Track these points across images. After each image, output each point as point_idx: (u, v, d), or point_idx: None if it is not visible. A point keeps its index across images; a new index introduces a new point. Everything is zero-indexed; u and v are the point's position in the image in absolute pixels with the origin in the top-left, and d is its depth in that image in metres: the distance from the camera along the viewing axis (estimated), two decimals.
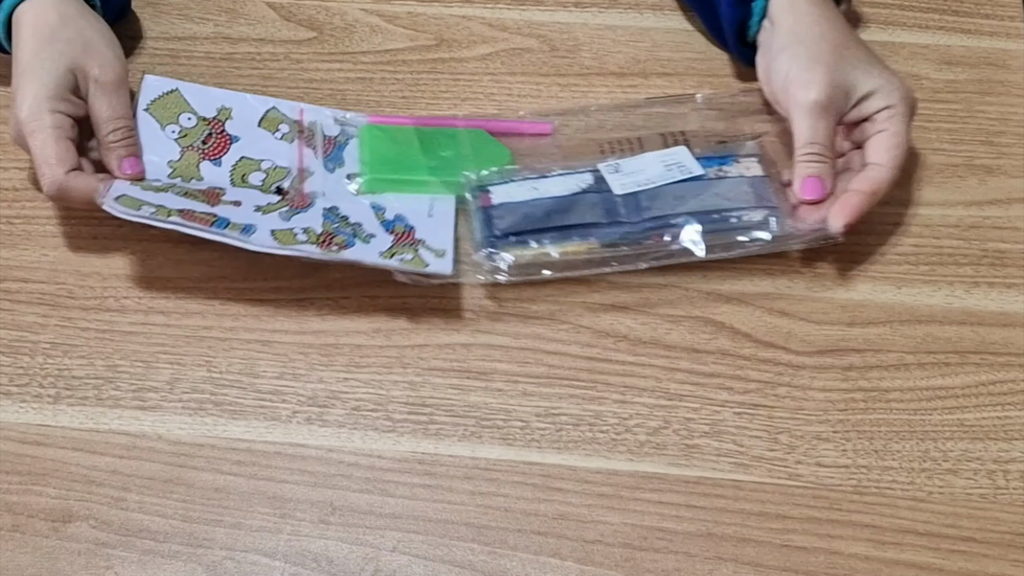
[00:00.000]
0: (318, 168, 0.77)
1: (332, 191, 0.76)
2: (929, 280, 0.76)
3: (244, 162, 0.77)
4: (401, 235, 0.72)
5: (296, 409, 0.71)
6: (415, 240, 0.72)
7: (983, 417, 0.71)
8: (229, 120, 0.79)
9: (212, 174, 0.77)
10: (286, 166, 0.77)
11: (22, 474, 0.69)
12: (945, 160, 0.81)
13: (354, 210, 0.75)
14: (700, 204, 0.75)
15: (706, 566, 0.66)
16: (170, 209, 0.72)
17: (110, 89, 0.75)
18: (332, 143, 0.77)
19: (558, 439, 0.70)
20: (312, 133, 0.79)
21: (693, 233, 0.74)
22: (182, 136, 0.78)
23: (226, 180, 0.77)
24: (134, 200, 0.72)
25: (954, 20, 0.88)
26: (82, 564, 0.66)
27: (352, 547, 0.66)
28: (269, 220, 0.74)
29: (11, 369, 0.72)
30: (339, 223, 0.73)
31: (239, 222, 0.73)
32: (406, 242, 0.71)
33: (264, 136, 0.78)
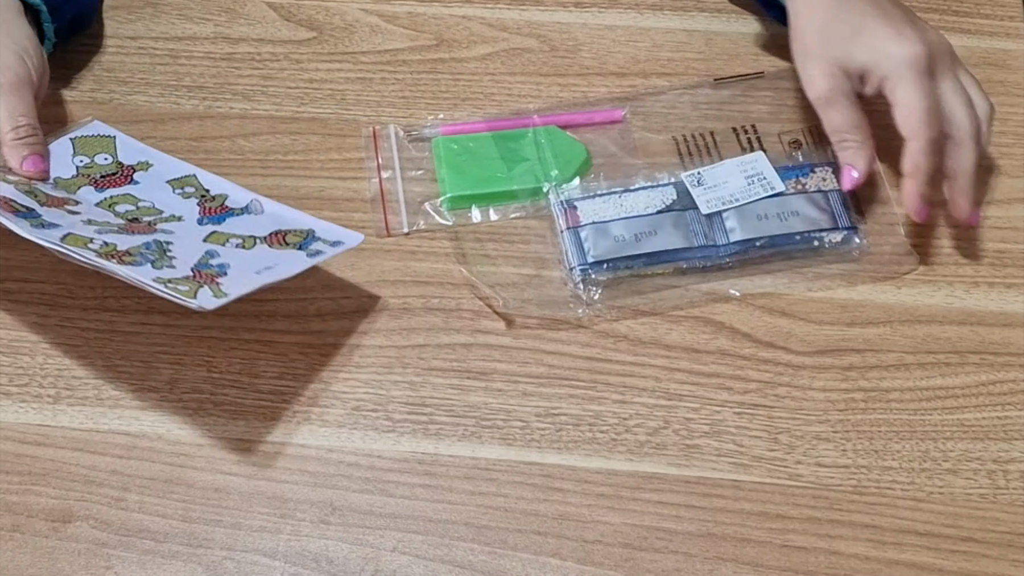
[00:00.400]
0: (191, 218, 0.74)
1: (185, 235, 0.73)
2: (929, 280, 0.76)
3: (125, 196, 0.75)
4: (202, 275, 0.69)
5: (296, 409, 0.71)
6: (211, 281, 0.68)
7: (983, 417, 0.71)
8: (142, 171, 0.77)
9: (86, 196, 0.75)
10: (161, 209, 0.75)
11: (22, 474, 0.69)
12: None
13: (184, 249, 0.71)
14: (783, 227, 0.76)
15: (706, 566, 0.66)
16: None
17: (7, 91, 0.73)
18: (225, 209, 0.75)
19: (558, 439, 0.70)
20: (216, 202, 0.76)
21: (775, 263, 0.76)
22: (87, 167, 0.77)
23: (92, 202, 0.74)
24: None
25: (954, 20, 0.88)
26: (82, 564, 0.66)
27: (352, 547, 0.66)
28: (80, 227, 0.71)
29: (11, 369, 0.72)
30: (152, 251, 0.70)
31: (48, 219, 0.70)
32: (198, 280, 0.68)
33: (165, 189, 0.76)
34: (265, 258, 0.71)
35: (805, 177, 0.77)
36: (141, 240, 0.70)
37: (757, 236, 0.75)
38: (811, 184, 0.77)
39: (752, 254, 0.76)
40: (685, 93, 0.83)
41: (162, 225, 0.73)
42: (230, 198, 0.75)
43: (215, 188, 0.76)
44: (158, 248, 0.70)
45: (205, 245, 0.71)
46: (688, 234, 0.76)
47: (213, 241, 0.72)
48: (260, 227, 0.73)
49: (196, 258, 0.70)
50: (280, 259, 0.71)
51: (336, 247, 0.72)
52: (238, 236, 0.72)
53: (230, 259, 0.70)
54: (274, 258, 0.71)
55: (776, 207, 0.76)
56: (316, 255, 0.71)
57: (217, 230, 0.73)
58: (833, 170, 0.77)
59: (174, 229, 0.73)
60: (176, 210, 0.75)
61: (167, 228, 0.73)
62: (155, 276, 0.67)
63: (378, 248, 0.77)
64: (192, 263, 0.69)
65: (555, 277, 0.76)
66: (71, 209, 0.73)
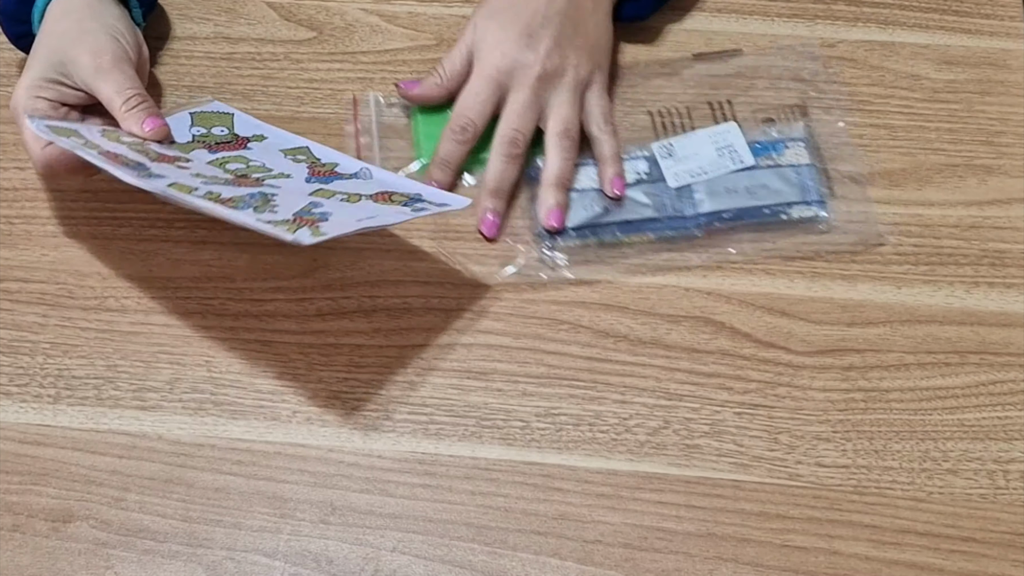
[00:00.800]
0: (299, 177, 0.76)
1: (291, 190, 0.73)
2: (929, 280, 0.76)
3: (237, 157, 0.76)
4: (303, 220, 0.69)
5: (296, 409, 0.71)
6: (311, 224, 0.69)
7: (983, 417, 0.71)
8: (256, 142, 0.78)
9: (198, 156, 0.76)
10: (271, 168, 0.76)
11: (22, 474, 0.69)
12: (945, 160, 0.81)
13: (288, 200, 0.72)
14: (752, 199, 0.77)
15: (706, 566, 0.66)
16: (98, 147, 0.71)
17: (107, 69, 0.75)
18: (334, 174, 0.76)
19: (558, 439, 0.70)
20: (326, 167, 0.77)
21: (743, 234, 0.76)
22: (203, 136, 0.78)
23: (204, 160, 0.75)
24: (67, 130, 0.72)
25: (954, 20, 0.88)
26: (82, 564, 0.66)
27: (352, 547, 0.66)
28: (187, 178, 0.71)
29: (11, 369, 0.72)
30: (256, 199, 0.70)
31: (156, 172, 0.71)
32: (298, 223, 0.68)
33: (277, 155, 0.78)
34: (368, 210, 0.71)
35: (778, 153, 0.78)
36: (246, 191, 0.71)
37: (724, 208, 0.76)
38: (784, 160, 0.78)
39: (720, 226, 0.76)
40: (663, 67, 0.84)
41: (269, 181, 0.74)
42: (340, 165, 0.76)
43: (327, 157, 0.77)
44: (262, 198, 0.70)
45: (310, 197, 0.72)
46: (657, 205, 0.77)
47: (318, 195, 0.72)
48: (367, 188, 0.74)
49: (299, 206, 0.70)
50: (382, 211, 0.71)
51: (442, 207, 0.72)
52: (344, 192, 0.73)
53: (333, 209, 0.71)
54: (376, 210, 0.71)
55: (746, 180, 0.77)
56: (420, 211, 0.71)
57: (324, 187, 0.73)
58: (806, 146, 0.78)
59: (281, 185, 0.73)
60: (286, 169, 0.75)
61: (274, 184, 0.73)
62: (256, 218, 0.67)
63: (378, 248, 0.77)
64: (295, 210, 0.70)
65: (524, 242, 0.77)
66: (181, 166, 0.73)
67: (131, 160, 0.71)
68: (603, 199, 0.77)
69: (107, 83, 0.74)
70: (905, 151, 0.81)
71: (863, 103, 0.83)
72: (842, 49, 0.86)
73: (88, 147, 0.70)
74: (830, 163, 0.79)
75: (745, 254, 0.76)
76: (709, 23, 0.87)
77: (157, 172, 0.71)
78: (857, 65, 0.85)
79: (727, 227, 0.76)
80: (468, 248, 0.77)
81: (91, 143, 0.71)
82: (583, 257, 0.76)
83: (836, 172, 0.79)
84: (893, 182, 0.79)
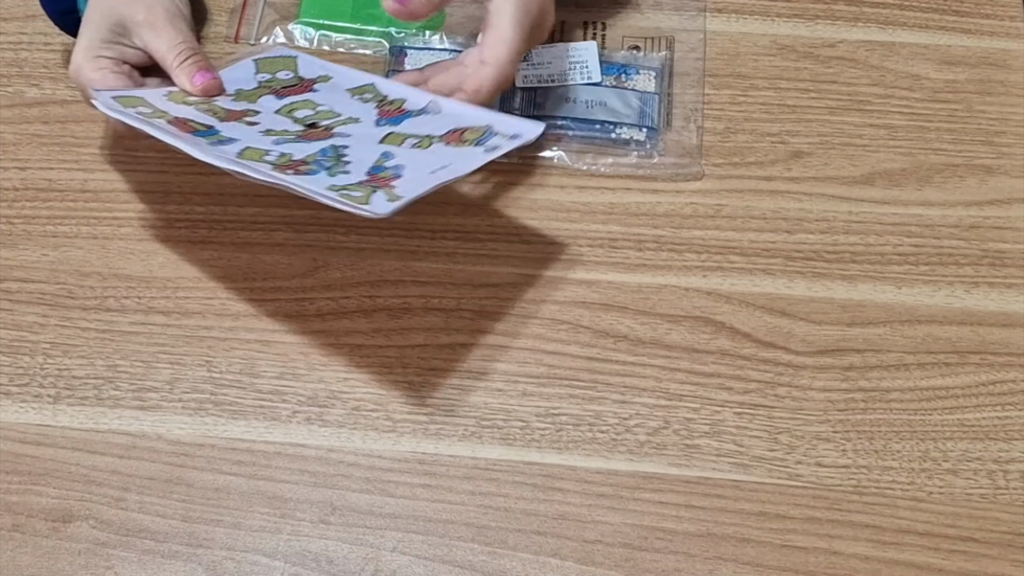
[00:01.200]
0: (368, 120, 0.75)
1: (362, 137, 0.74)
2: (929, 280, 0.76)
3: (304, 102, 0.76)
4: (377, 179, 0.69)
5: (296, 409, 0.71)
6: (386, 184, 0.69)
7: (983, 417, 0.71)
8: (322, 83, 0.78)
9: (266, 104, 0.76)
10: (340, 112, 0.76)
11: (22, 474, 0.69)
12: (945, 160, 0.81)
13: (359, 152, 0.72)
14: (587, 112, 0.81)
15: (706, 566, 0.66)
16: (165, 114, 0.71)
17: (160, 25, 0.76)
18: (403, 111, 0.76)
19: (558, 439, 0.70)
20: (394, 105, 0.77)
21: (570, 143, 0.80)
22: (268, 82, 0.78)
23: (272, 109, 0.76)
24: (133, 99, 0.72)
25: (954, 20, 0.88)
26: (82, 564, 0.66)
27: (352, 547, 0.66)
28: (257, 139, 0.72)
29: (11, 369, 0.72)
30: (328, 158, 0.71)
31: (226, 135, 0.71)
32: (372, 184, 0.68)
33: (344, 95, 0.77)
34: (441, 157, 0.71)
35: (628, 77, 0.82)
36: (317, 147, 0.71)
37: (559, 115, 0.81)
38: (630, 84, 0.81)
39: (552, 132, 0.80)
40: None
41: (339, 128, 0.74)
42: (408, 101, 0.76)
43: (394, 93, 0.77)
44: (334, 154, 0.70)
45: (381, 147, 0.72)
46: (498, 100, 0.80)
47: (389, 142, 0.72)
48: (437, 126, 0.73)
49: (371, 161, 0.70)
50: (456, 157, 0.71)
51: (514, 140, 0.71)
52: (415, 136, 0.73)
53: (405, 160, 0.71)
54: (450, 156, 0.71)
55: (586, 95, 0.82)
56: (493, 150, 0.71)
57: (394, 131, 0.73)
58: (657, 75, 0.82)
59: (351, 132, 0.74)
60: (354, 112, 0.75)
61: (344, 131, 0.73)
62: (329, 184, 0.67)
63: (378, 248, 0.77)
64: (367, 167, 0.70)
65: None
66: (250, 120, 0.74)
67: (200, 124, 0.72)
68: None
69: (160, 39, 0.75)
70: (905, 151, 0.81)
71: (863, 103, 0.83)
72: (842, 49, 0.86)
73: (155, 117, 0.71)
74: (676, 97, 0.82)
75: (564, 162, 0.80)
76: (709, 23, 0.87)
77: (228, 135, 0.71)
78: (857, 65, 0.85)
79: (558, 134, 0.80)
80: (469, 247, 0.77)
81: (158, 111, 0.71)
82: None
83: (680, 105, 0.81)
84: (893, 182, 0.79)
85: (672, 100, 0.82)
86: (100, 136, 0.81)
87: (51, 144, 0.81)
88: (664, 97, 0.82)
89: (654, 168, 0.79)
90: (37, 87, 0.84)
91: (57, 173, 0.80)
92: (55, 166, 0.80)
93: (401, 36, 0.85)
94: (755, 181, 0.80)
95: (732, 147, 0.81)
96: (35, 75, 0.84)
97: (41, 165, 0.80)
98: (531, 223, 0.78)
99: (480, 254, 0.77)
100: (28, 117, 0.82)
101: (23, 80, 0.84)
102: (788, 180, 0.80)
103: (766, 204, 0.79)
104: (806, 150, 0.81)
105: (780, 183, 0.80)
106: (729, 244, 0.77)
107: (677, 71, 0.84)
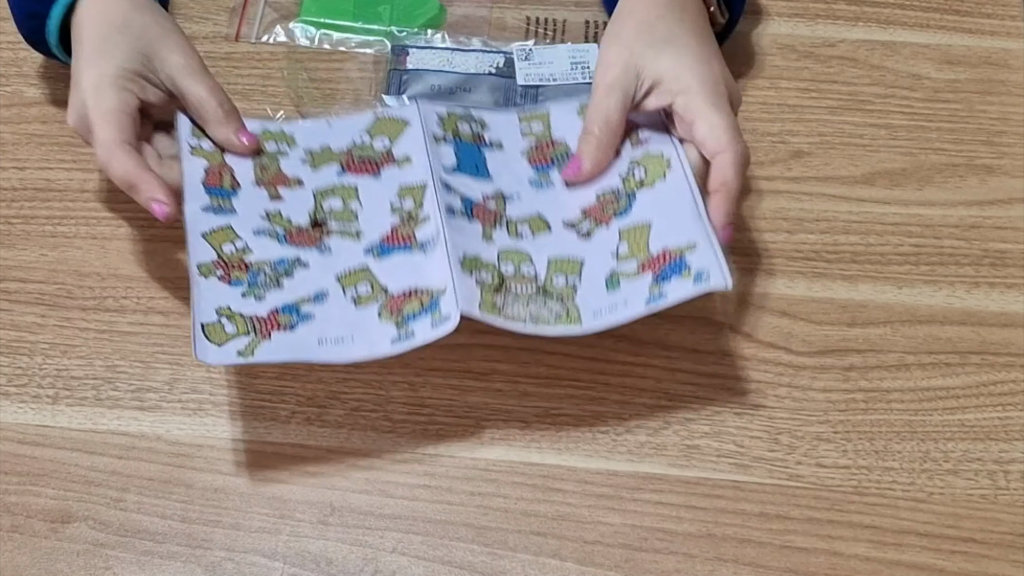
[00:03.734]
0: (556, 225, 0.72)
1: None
2: (929, 280, 0.76)
3: (410, 190, 0.73)
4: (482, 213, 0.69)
5: (296, 409, 0.71)
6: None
7: (984, 417, 0.71)
8: (396, 144, 0.75)
9: (323, 178, 0.74)
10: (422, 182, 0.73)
11: (21, 475, 0.68)
12: (945, 160, 0.81)
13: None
14: None
15: (706, 567, 0.66)
16: (256, 325, 0.67)
17: (199, 71, 0.74)
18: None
19: (558, 440, 0.70)
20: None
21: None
22: (359, 148, 0.76)
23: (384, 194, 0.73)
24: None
25: (954, 20, 0.88)
26: (81, 565, 0.66)
27: (352, 547, 0.66)
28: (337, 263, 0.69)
29: (10, 369, 0.72)
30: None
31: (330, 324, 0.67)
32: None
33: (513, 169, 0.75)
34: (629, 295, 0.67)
35: None
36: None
37: None
38: None
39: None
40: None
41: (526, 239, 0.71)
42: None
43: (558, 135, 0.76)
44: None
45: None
46: (500, 98, 0.82)
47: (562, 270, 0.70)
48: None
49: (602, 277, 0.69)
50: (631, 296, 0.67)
51: (697, 284, 0.65)
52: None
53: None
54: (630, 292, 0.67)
55: (588, 93, 0.80)
56: (660, 298, 0.66)
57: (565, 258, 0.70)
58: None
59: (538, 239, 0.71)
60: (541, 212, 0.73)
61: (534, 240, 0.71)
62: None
63: None
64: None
65: (367, 105, 0.82)
66: (324, 243, 0.71)
67: (283, 316, 0.67)
68: (450, 81, 0.82)
69: (200, 86, 0.73)
70: (905, 151, 0.81)
71: (863, 103, 0.83)
72: (842, 49, 0.86)
73: (247, 352, 0.65)
74: None
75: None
76: None
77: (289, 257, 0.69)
78: (857, 65, 0.85)
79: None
80: None
81: (252, 334, 0.66)
82: None
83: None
84: (893, 182, 0.79)
85: None
86: None
87: (50, 144, 0.81)
88: None
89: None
90: (36, 87, 0.84)
91: (56, 173, 0.80)
92: (54, 166, 0.80)
93: (403, 35, 0.85)
94: (755, 181, 0.79)
95: None
96: (34, 75, 0.84)
97: (40, 165, 0.80)
98: None
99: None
100: (27, 117, 0.82)
101: (22, 80, 0.84)
102: (788, 180, 0.80)
103: (766, 204, 0.79)
104: (806, 150, 0.81)
105: (780, 183, 0.80)
106: (729, 244, 0.76)
107: None
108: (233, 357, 0.64)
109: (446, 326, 0.64)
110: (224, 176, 0.73)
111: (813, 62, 0.85)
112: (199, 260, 0.68)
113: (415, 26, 0.85)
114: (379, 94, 0.82)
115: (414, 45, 0.84)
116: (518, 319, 0.66)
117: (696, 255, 0.66)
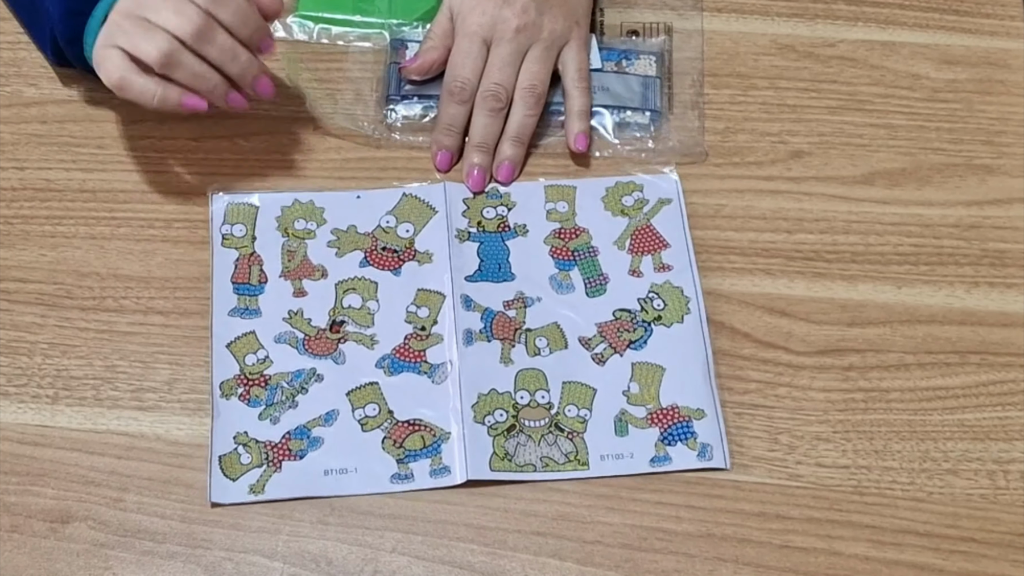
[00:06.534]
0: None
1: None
2: (929, 280, 0.76)
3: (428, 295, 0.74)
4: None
5: None
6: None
7: (983, 417, 0.71)
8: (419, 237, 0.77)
9: (343, 266, 0.75)
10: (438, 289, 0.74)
11: (20, 475, 0.68)
12: (945, 160, 0.81)
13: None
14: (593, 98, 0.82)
15: (706, 567, 0.66)
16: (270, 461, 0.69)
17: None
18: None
19: None
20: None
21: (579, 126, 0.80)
22: (384, 232, 0.76)
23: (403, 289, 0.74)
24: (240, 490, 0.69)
25: (954, 20, 0.88)
26: (80, 565, 0.66)
27: (351, 547, 0.66)
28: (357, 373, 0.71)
29: (9, 369, 0.72)
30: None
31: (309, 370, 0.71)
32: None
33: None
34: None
35: (628, 62, 0.83)
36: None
37: (561, 101, 0.81)
38: (631, 69, 0.82)
39: (558, 118, 0.81)
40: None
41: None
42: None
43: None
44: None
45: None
46: None
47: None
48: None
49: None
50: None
51: (701, 458, 0.69)
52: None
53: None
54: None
55: (591, 80, 0.82)
56: (664, 460, 0.69)
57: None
58: (656, 60, 0.83)
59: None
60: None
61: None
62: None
63: None
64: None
65: (368, 104, 0.81)
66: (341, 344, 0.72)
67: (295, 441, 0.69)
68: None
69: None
70: (905, 151, 0.81)
71: (863, 103, 0.83)
72: (842, 49, 0.86)
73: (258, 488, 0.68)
74: (676, 80, 0.82)
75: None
76: (709, 22, 0.87)
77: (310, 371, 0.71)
78: (857, 65, 0.85)
79: (562, 120, 0.81)
80: None
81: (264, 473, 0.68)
82: (415, 126, 0.81)
83: (680, 89, 0.82)
84: (893, 182, 0.79)
85: (672, 92, 0.82)
86: (98, 136, 0.81)
87: (49, 144, 0.81)
88: (665, 80, 0.82)
89: (658, 150, 0.79)
90: (35, 87, 0.83)
91: (55, 173, 0.80)
92: (53, 166, 0.80)
93: (402, 29, 0.84)
94: (755, 181, 0.79)
95: (732, 147, 0.81)
96: (33, 75, 0.84)
97: (39, 165, 0.80)
98: None
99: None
100: (26, 117, 0.82)
101: (21, 80, 0.84)
102: (788, 180, 0.80)
103: (766, 204, 0.79)
104: (806, 150, 0.81)
105: (780, 183, 0.80)
106: (729, 244, 0.77)
107: (676, 71, 0.83)
108: (245, 495, 0.67)
109: (446, 479, 0.67)
110: (252, 269, 0.74)
111: (813, 62, 0.85)
112: (222, 378, 0.71)
113: (413, 19, 0.85)
114: (382, 91, 0.82)
115: (413, 39, 0.84)
116: (527, 468, 0.68)
117: (703, 426, 0.69)
